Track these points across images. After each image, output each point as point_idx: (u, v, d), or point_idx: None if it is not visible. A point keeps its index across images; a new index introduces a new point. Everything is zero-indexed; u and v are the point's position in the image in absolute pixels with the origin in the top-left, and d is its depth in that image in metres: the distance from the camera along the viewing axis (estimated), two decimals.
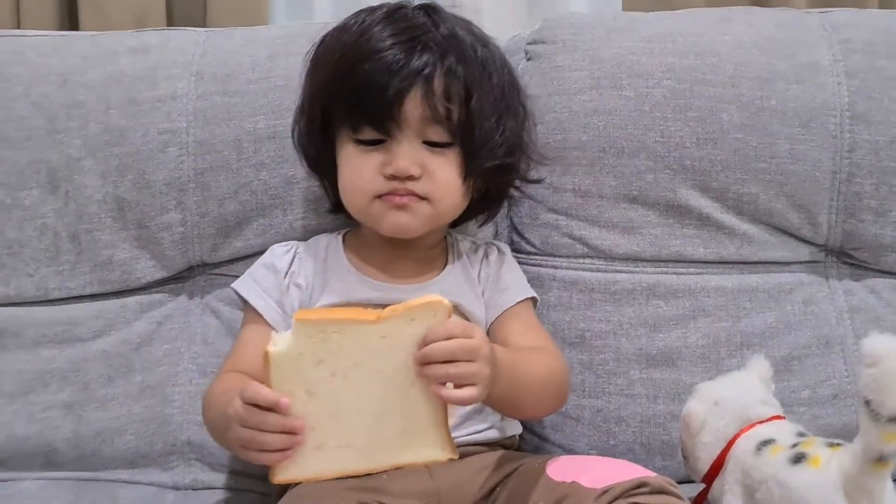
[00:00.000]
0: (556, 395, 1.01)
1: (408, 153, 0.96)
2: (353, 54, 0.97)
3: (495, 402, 0.89)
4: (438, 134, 0.97)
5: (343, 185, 1.02)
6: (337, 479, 0.84)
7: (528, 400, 0.95)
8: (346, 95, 0.97)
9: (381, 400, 0.81)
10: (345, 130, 0.99)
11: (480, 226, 1.16)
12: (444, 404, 0.83)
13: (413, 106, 0.95)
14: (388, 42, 0.96)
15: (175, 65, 1.21)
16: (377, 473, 0.89)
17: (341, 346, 0.81)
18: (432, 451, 0.82)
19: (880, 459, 0.78)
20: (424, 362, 0.80)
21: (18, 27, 1.56)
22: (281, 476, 0.83)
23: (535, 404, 0.98)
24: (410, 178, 0.97)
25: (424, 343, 0.80)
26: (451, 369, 0.80)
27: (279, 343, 0.81)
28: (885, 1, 1.54)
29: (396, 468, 0.83)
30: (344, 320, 0.82)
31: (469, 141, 0.99)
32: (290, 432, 0.81)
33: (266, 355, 0.80)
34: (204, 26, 1.56)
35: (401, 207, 0.98)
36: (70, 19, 1.62)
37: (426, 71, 0.95)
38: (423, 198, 0.98)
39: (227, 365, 1.02)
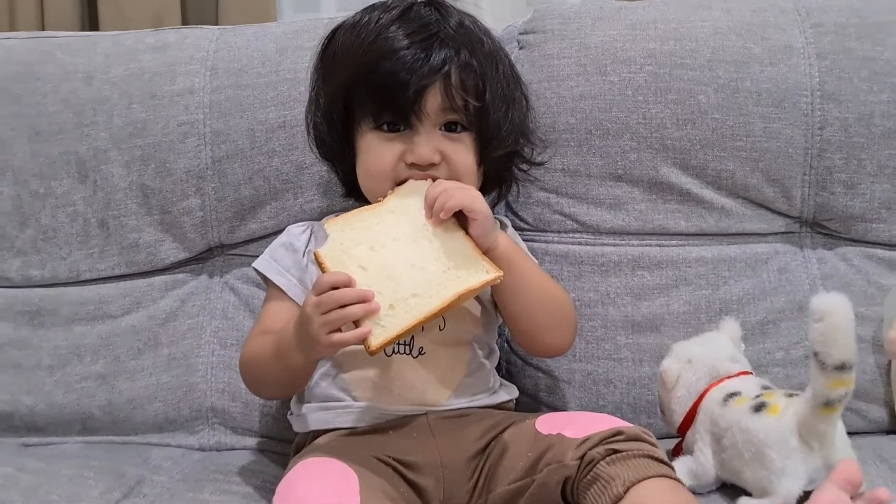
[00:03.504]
0: (561, 314, 1.05)
1: (428, 142, 1.00)
2: (373, 53, 0.99)
3: (506, 284, 0.96)
4: (456, 119, 1.02)
5: (364, 171, 1.04)
6: (419, 324, 0.90)
7: (535, 299, 1.02)
8: (369, 92, 1.01)
9: (419, 252, 0.94)
10: (365, 121, 1.02)
11: (493, 207, 1.17)
12: (468, 238, 0.96)
13: (433, 99, 0.99)
14: (406, 42, 0.99)
15: (192, 61, 1.26)
16: (383, 427, 0.98)
17: (366, 227, 0.96)
18: (480, 275, 0.93)
19: (828, 404, 0.83)
20: (432, 206, 0.95)
21: (43, 27, 1.62)
22: (375, 343, 0.87)
23: (541, 307, 1.02)
24: (431, 165, 1.01)
25: (428, 200, 0.96)
26: (449, 199, 0.95)
27: (323, 246, 0.95)
28: None
29: (460, 297, 0.91)
30: (359, 210, 1.00)
31: (484, 129, 1.03)
32: (364, 300, 0.88)
33: (317, 255, 0.93)
34: (216, 22, 1.61)
35: None
36: (90, 19, 1.67)
37: (445, 68, 0.99)
38: None
39: (256, 331, 1.06)
